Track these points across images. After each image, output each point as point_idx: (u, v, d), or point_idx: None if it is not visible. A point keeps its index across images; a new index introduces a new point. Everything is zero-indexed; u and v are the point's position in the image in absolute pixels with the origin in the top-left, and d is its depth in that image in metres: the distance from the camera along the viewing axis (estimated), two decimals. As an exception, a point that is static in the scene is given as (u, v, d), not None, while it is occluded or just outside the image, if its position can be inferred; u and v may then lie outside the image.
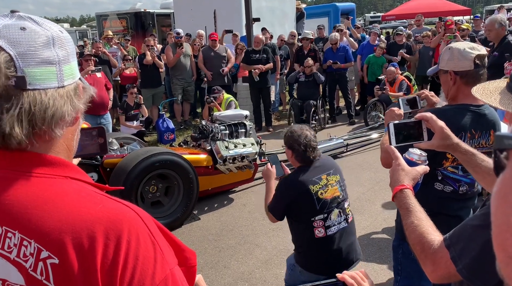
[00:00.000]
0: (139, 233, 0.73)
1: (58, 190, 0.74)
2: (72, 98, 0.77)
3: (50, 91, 0.73)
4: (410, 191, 1.31)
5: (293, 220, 2.54)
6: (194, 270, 0.90)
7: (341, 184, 2.54)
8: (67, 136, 0.81)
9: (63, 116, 0.76)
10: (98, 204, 0.74)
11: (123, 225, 0.72)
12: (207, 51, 8.30)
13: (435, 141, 1.46)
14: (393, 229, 4.09)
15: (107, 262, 0.69)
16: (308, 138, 2.45)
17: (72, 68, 0.79)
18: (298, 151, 2.45)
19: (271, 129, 8.11)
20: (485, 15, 18.94)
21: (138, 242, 0.72)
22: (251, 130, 5.25)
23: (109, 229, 0.71)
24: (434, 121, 1.46)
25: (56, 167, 0.76)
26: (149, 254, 0.73)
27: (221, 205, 4.88)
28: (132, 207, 0.77)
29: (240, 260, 3.70)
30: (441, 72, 2.01)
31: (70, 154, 0.83)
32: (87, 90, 0.83)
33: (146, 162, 4.01)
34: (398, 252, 2.24)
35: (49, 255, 0.68)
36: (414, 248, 1.21)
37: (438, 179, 1.99)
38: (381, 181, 5.27)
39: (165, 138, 7.17)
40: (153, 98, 8.10)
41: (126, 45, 9.67)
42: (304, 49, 8.53)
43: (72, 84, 0.78)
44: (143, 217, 0.77)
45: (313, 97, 7.83)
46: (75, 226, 0.69)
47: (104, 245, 0.69)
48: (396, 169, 1.36)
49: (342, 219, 2.50)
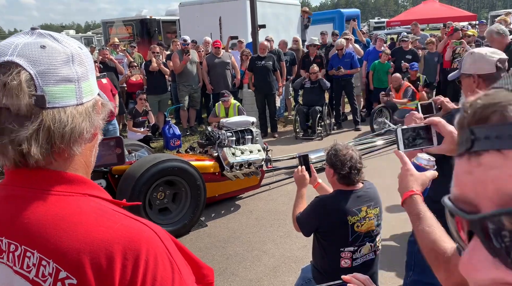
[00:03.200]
0: (157, 252, 0.73)
1: (76, 208, 0.74)
2: (90, 115, 0.77)
3: (69, 109, 0.73)
4: (420, 196, 1.30)
5: (321, 241, 2.45)
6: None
7: (378, 218, 2.44)
8: (86, 153, 0.81)
9: (82, 133, 0.76)
10: (116, 222, 0.74)
11: (141, 244, 0.72)
12: (211, 58, 8.35)
13: (445, 146, 1.45)
14: (401, 236, 4.08)
15: (125, 283, 0.69)
16: (354, 159, 2.31)
17: (91, 84, 0.79)
18: (341, 172, 2.31)
19: (276, 136, 8.12)
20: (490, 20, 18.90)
21: (156, 262, 0.72)
22: (257, 136, 5.27)
23: (127, 248, 0.71)
24: (443, 126, 1.45)
25: (75, 184, 0.77)
26: (167, 274, 0.73)
27: (228, 212, 4.88)
28: (150, 225, 0.78)
29: (248, 267, 3.69)
30: (463, 76, 2.06)
31: (88, 170, 0.83)
32: (106, 106, 0.83)
33: (154, 169, 4.02)
34: (414, 247, 2.23)
35: (67, 275, 0.68)
36: (426, 256, 1.21)
37: None
38: (388, 187, 5.22)
39: (171, 145, 7.19)
40: (159, 105, 8.15)
41: (132, 52, 9.74)
42: (310, 56, 8.56)
43: (91, 101, 0.78)
44: (161, 235, 0.77)
45: (318, 104, 7.84)
46: (93, 246, 0.70)
47: (122, 265, 0.70)
48: (405, 174, 1.35)
49: (371, 252, 2.45)
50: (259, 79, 7.90)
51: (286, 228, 4.33)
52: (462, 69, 2.06)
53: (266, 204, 5.06)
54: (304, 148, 6.84)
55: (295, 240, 4.06)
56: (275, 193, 5.38)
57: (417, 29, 10.22)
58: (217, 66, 8.26)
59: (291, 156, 6.11)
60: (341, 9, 14.34)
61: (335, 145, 2.45)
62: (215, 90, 8.19)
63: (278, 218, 4.60)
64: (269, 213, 4.76)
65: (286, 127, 8.92)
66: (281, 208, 4.84)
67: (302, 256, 3.79)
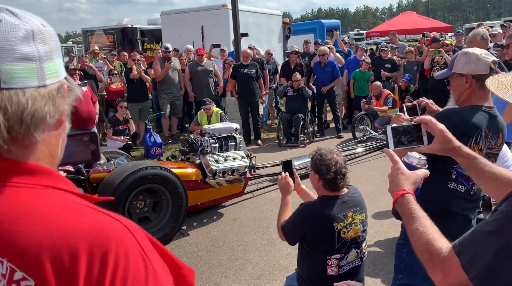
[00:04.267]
0: (128, 249, 0.65)
1: (37, 201, 0.66)
2: (54, 99, 0.69)
3: (29, 91, 0.66)
4: (412, 195, 1.25)
5: (306, 249, 2.38)
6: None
7: (364, 223, 2.40)
8: (50, 141, 0.73)
9: (44, 118, 0.68)
10: (82, 216, 0.66)
11: (110, 240, 0.64)
12: (193, 66, 8.30)
13: (435, 145, 1.42)
14: (385, 242, 4.06)
15: (90, 283, 0.61)
16: (339, 164, 2.27)
17: (56, 66, 0.71)
18: (326, 177, 2.26)
19: (260, 143, 8.08)
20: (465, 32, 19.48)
21: (127, 260, 0.64)
22: (241, 143, 5.20)
23: (94, 244, 0.63)
24: (434, 124, 1.42)
25: (37, 175, 0.68)
26: (140, 273, 0.65)
27: (210, 220, 4.78)
28: (121, 220, 0.69)
29: (232, 276, 3.60)
30: (454, 75, 2.05)
31: (53, 161, 0.75)
32: (73, 90, 0.75)
33: (133, 176, 3.90)
34: (402, 251, 2.21)
35: (24, 276, 0.60)
36: (421, 256, 1.16)
37: (452, 178, 2.01)
38: (370, 194, 5.25)
39: (152, 153, 7.05)
40: (139, 113, 8.02)
41: (112, 60, 9.60)
42: (291, 64, 8.59)
43: (55, 84, 0.70)
44: (133, 231, 0.69)
45: (301, 111, 7.85)
46: (54, 242, 0.61)
47: (87, 263, 0.61)
48: (395, 173, 1.31)
49: (358, 258, 2.40)
50: (242, 87, 7.88)
51: (270, 235, 4.25)
52: (454, 68, 2.05)
53: (249, 211, 4.98)
54: (288, 155, 6.81)
55: (279, 248, 3.99)
56: (258, 200, 5.31)
57: (395, 38, 10.40)
58: (200, 74, 8.21)
59: (275, 163, 6.06)
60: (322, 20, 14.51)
61: (319, 149, 2.40)
62: (198, 98, 8.11)
63: (262, 226, 4.53)
64: (253, 221, 4.68)
65: (269, 135, 8.90)
66: (265, 216, 4.77)
67: (286, 264, 3.72)
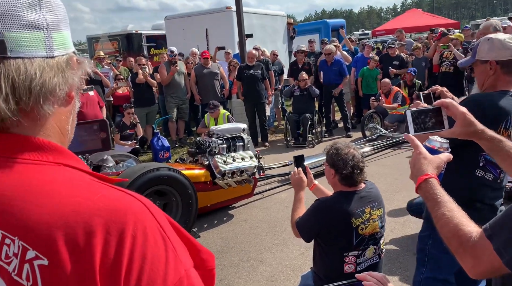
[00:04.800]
0: (146, 226, 0.61)
1: (48, 178, 0.61)
2: (64, 71, 0.66)
3: (37, 61, 0.62)
4: (436, 180, 1.19)
5: (322, 246, 2.32)
6: (212, 274, 0.76)
7: (382, 219, 2.32)
8: (60, 117, 0.68)
9: (53, 90, 0.64)
10: (96, 193, 0.61)
11: (128, 217, 0.60)
12: (199, 69, 8.28)
13: (457, 128, 1.35)
14: (400, 239, 3.96)
15: (107, 262, 0.56)
16: (356, 158, 2.19)
17: (64, 37, 0.68)
18: (343, 173, 2.19)
19: (267, 145, 8.01)
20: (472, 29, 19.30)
21: (145, 238, 0.60)
22: (249, 143, 5.14)
23: (110, 221, 0.58)
24: (455, 107, 1.35)
25: (47, 151, 0.64)
26: (160, 252, 0.60)
27: (221, 222, 4.71)
28: (138, 197, 0.65)
29: (244, 277, 3.52)
30: (477, 63, 2.01)
31: (64, 140, 0.71)
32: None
33: (142, 178, 3.86)
34: (426, 243, 2.14)
35: (37, 255, 0.56)
36: (449, 242, 1.09)
37: (479, 166, 1.95)
38: (383, 192, 5.11)
39: (160, 157, 7.02)
40: (147, 117, 8.00)
41: (118, 66, 9.62)
42: (298, 63, 8.53)
43: (64, 56, 0.67)
44: (151, 208, 0.64)
45: (308, 111, 7.77)
46: (68, 219, 0.57)
47: (104, 241, 0.57)
48: (417, 158, 1.25)
49: (376, 255, 2.33)
50: (248, 88, 7.82)
51: (282, 236, 4.18)
52: (478, 55, 2.01)
53: (260, 212, 4.91)
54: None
55: (292, 248, 3.91)
56: (269, 201, 5.23)
57: (402, 35, 10.30)
58: (205, 76, 8.18)
59: (283, 163, 5.99)
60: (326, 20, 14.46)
61: (335, 143, 2.34)
62: (204, 101, 8.08)
63: (273, 226, 4.45)
64: (264, 222, 4.61)
65: (276, 136, 8.83)
66: (276, 216, 4.69)
67: (300, 264, 3.63)
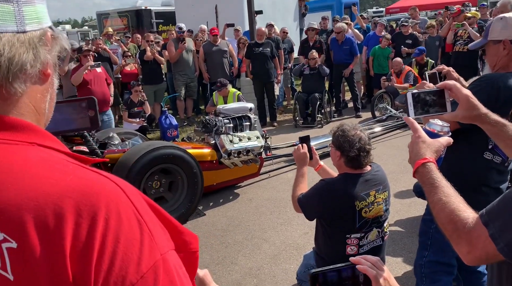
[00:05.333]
0: (120, 209, 0.58)
1: (19, 158, 0.59)
2: (36, 47, 0.63)
3: (6, 35, 0.59)
4: (434, 164, 1.16)
5: (325, 227, 2.31)
6: (195, 256, 0.73)
7: (387, 202, 2.30)
8: (35, 96, 0.66)
9: (24, 67, 0.61)
10: (69, 174, 0.59)
11: (100, 199, 0.57)
12: (208, 46, 8.16)
13: (460, 112, 1.30)
14: (405, 221, 3.94)
15: (78, 246, 0.54)
16: (363, 140, 2.16)
17: (38, 11, 0.65)
18: (349, 155, 2.15)
19: (275, 124, 7.96)
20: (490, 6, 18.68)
21: (119, 221, 0.57)
22: (255, 123, 5.11)
23: (82, 204, 0.56)
24: (459, 90, 1.29)
25: (19, 131, 0.61)
26: (134, 236, 0.58)
27: (226, 200, 4.73)
28: (113, 178, 0.62)
29: (248, 255, 3.55)
30: (490, 43, 1.95)
31: (40, 119, 0.68)
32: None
33: (148, 156, 3.87)
34: (430, 226, 2.13)
35: (5, 237, 0.54)
36: (444, 228, 1.07)
37: (488, 148, 1.91)
38: (391, 173, 5.10)
39: (168, 135, 7.02)
40: (155, 95, 7.98)
41: (127, 42, 9.55)
42: (309, 41, 8.36)
43: (37, 31, 0.64)
44: (127, 190, 0.62)
45: (318, 90, 7.66)
46: (38, 201, 0.55)
47: (74, 224, 0.55)
48: (416, 141, 1.21)
49: (379, 238, 2.32)
50: (257, 67, 7.72)
51: (286, 215, 4.19)
52: (490, 35, 1.93)
53: (265, 191, 4.91)
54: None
55: (296, 228, 3.92)
56: (274, 180, 5.23)
57: (416, 13, 9.99)
58: (214, 54, 8.07)
59: (291, 143, 5.95)
60: (339, -3, 14.06)
61: (342, 125, 2.29)
62: (212, 79, 8.00)
63: (278, 206, 4.46)
64: (269, 201, 4.62)
65: (285, 116, 8.76)
66: (281, 196, 4.70)
67: (303, 243, 3.65)
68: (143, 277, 0.57)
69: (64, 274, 0.53)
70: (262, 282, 3.17)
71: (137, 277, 0.56)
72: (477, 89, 1.87)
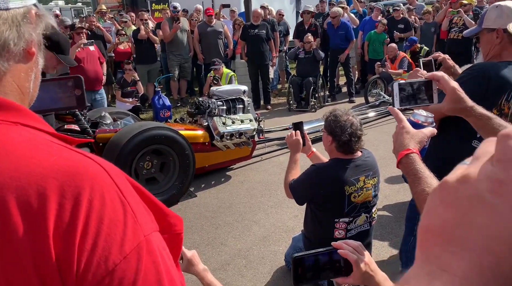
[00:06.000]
0: (104, 190, 0.59)
1: (1, 138, 0.58)
2: (19, 25, 0.62)
3: None
4: (417, 155, 1.17)
5: (314, 211, 2.35)
6: (180, 238, 0.74)
7: (376, 188, 2.33)
8: (18, 75, 0.65)
9: (7, 45, 0.61)
10: (53, 154, 0.59)
11: (84, 180, 0.57)
12: (203, 26, 8.06)
13: (446, 103, 1.30)
14: (394, 206, 4.01)
15: (61, 226, 0.54)
16: (354, 126, 2.19)
17: None
18: (340, 140, 2.18)
19: (269, 107, 7.95)
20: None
21: (103, 202, 0.58)
22: (249, 106, 5.10)
23: (65, 185, 0.56)
24: (446, 82, 1.29)
25: (2, 110, 0.61)
26: (118, 217, 0.58)
27: (218, 182, 4.76)
28: (97, 160, 0.62)
29: (238, 237, 3.61)
30: (484, 31, 1.94)
31: (24, 98, 0.67)
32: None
33: (139, 137, 3.87)
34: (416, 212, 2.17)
35: None
36: None
37: (476, 137, 1.92)
38: (381, 158, 5.14)
39: (161, 116, 6.99)
40: (148, 75, 7.90)
41: (121, 21, 9.39)
42: (305, 24, 8.29)
43: (20, 8, 0.63)
44: (111, 172, 0.62)
45: (312, 74, 7.62)
46: (21, 181, 0.55)
47: (58, 205, 0.55)
48: (400, 132, 1.23)
49: (367, 223, 2.35)
50: (252, 49, 7.66)
51: (277, 198, 4.23)
52: (485, 23, 1.92)
53: (257, 174, 4.95)
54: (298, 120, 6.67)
55: (286, 210, 3.97)
56: (267, 163, 5.27)
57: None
58: (209, 35, 7.98)
59: (284, 127, 5.96)
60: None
61: (334, 110, 2.31)
62: (207, 60, 7.93)
63: (269, 188, 4.50)
64: (261, 184, 4.66)
65: (279, 99, 8.74)
66: (272, 179, 4.74)
67: (293, 225, 3.70)
68: (126, 257, 0.57)
69: (47, 254, 0.54)
70: (250, 263, 3.23)
71: (120, 258, 0.57)
72: (468, 78, 1.88)
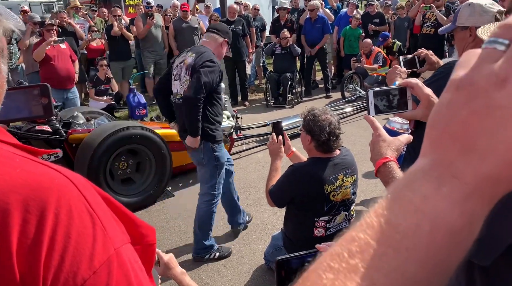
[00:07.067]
0: (71, 203, 0.56)
1: None
2: None
3: None
4: (395, 163, 1.18)
5: (294, 211, 2.35)
6: (152, 249, 0.73)
7: (354, 186, 2.34)
8: None
9: None
10: (15, 168, 0.56)
11: (50, 193, 0.55)
12: (178, 22, 7.94)
13: (420, 110, 1.31)
14: (370, 201, 4.06)
15: (26, 242, 0.52)
16: (333, 125, 2.18)
17: None
18: (319, 139, 2.17)
19: (247, 104, 7.93)
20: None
21: (70, 215, 0.55)
22: (226, 103, 5.07)
23: (29, 199, 0.53)
24: (420, 89, 1.30)
25: None
26: (86, 230, 0.56)
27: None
28: (64, 172, 0.59)
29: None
30: (458, 29, 1.96)
31: None
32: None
33: (114, 137, 3.78)
34: None
35: None
36: None
37: None
38: (358, 153, 5.20)
39: (137, 114, 6.88)
40: (122, 72, 7.74)
41: (93, 17, 9.16)
42: (281, 20, 8.28)
43: None
44: (79, 184, 0.59)
45: (289, 70, 7.64)
46: None
47: (22, 221, 0.52)
48: (376, 140, 1.23)
49: (345, 220, 2.36)
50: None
51: (256, 195, 4.23)
52: (458, 21, 1.94)
53: (236, 172, 4.88)
54: (275, 116, 6.70)
55: (265, 208, 3.96)
56: (245, 161, 5.25)
57: None
58: (184, 31, 7.87)
59: (262, 124, 5.96)
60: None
61: (312, 109, 2.30)
62: (182, 56, 7.83)
63: (248, 186, 4.49)
64: (239, 181, 4.62)
65: (257, 95, 8.73)
66: (251, 176, 4.72)
67: (272, 223, 3.71)
68: (96, 272, 0.55)
69: (10, 273, 0.51)
70: (229, 262, 3.21)
71: (89, 273, 0.54)
72: (440, 76, 1.91)
